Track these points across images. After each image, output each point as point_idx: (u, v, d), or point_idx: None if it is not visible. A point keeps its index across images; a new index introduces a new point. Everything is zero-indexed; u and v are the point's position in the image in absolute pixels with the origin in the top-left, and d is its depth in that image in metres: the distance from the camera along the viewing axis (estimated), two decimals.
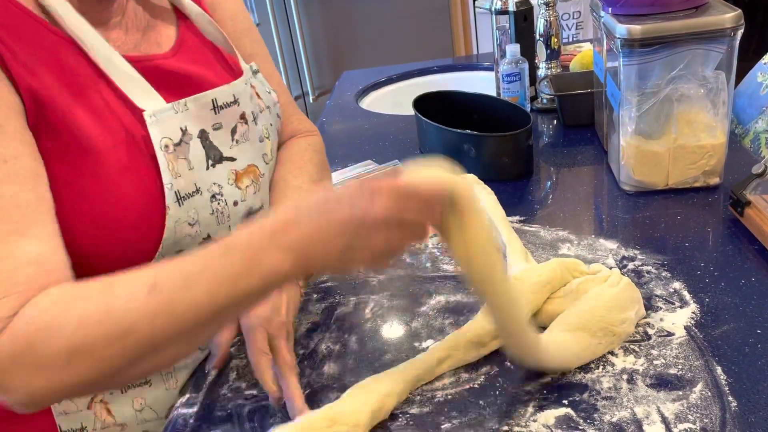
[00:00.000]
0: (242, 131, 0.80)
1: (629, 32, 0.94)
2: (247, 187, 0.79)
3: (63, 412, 0.75)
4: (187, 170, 0.72)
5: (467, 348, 0.72)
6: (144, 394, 0.78)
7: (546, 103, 1.49)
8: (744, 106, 1.27)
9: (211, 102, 0.76)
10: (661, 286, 0.81)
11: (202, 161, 0.74)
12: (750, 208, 0.88)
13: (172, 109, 0.71)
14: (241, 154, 0.79)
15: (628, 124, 1.01)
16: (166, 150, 0.70)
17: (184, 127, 0.72)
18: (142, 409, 0.78)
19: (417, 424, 0.66)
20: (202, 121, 0.74)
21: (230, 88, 0.79)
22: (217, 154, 0.76)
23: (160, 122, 0.70)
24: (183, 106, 0.72)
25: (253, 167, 0.81)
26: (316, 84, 2.79)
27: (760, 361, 0.67)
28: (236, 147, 0.79)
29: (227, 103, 0.78)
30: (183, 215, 0.71)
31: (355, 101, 1.80)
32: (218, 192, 0.75)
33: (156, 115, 0.69)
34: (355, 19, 2.68)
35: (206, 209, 0.74)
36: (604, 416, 0.63)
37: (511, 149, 1.15)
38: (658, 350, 0.70)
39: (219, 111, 0.77)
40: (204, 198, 0.73)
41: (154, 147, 0.69)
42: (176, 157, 0.70)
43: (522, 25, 1.45)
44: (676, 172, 1.02)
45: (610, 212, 1.02)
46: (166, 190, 0.69)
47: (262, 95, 0.87)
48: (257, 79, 0.87)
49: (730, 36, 0.93)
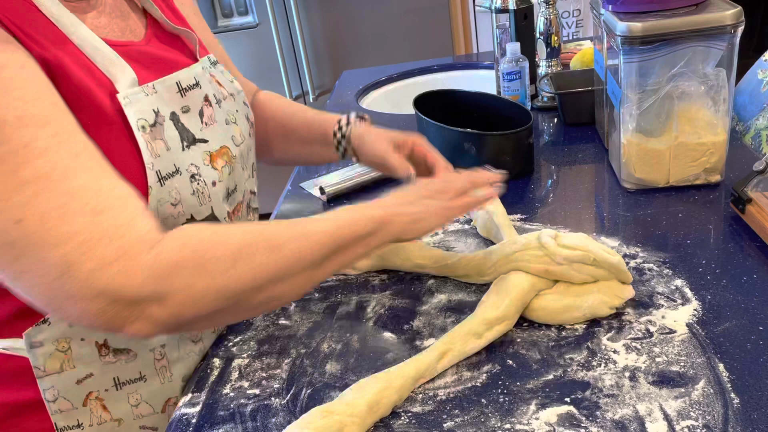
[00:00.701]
0: (209, 114, 0.82)
1: (629, 30, 0.94)
2: (222, 167, 0.81)
3: (58, 410, 0.75)
4: (165, 151, 0.73)
5: (465, 339, 0.73)
6: (139, 389, 0.78)
7: (546, 101, 1.49)
8: (745, 103, 1.27)
9: (176, 84, 0.78)
10: (663, 284, 0.81)
11: (177, 142, 0.75)
12: (751, 205, 0.88)
13: (143, 91, 0.73)
14: (212, 135, 0.81)
15: (629, 122, 1.01)
16: (143, 131, 0.71)
17: (156, 109, 0.73)
18: (138, 404, 0.79)
19: (419, 423, 0.66)
20: (172, 104, 0.76)
21: (190, 70, 0.82)
22: (189, 135, 0.77)
23: (134, 103, 0.71)
24: (152, 88, 0.74)
25: (225, 148, 0.82)
26: (316, 83, 2.79)
27: (762, 358, 0.67)
28: (206, 129, 0.80)
29: (190, 86, 0.80)
30: (165, 195, 0.72)
31: (356, 100, 1.80)
32: (196, 172, 0.76)
33: (128, 97, 0.71)
34: (354, 19, 2.68)
35: (187, 189, 0.75)
36: (607, 414, 0.63)
37: (511, 148, 1.15)
38: (660, 347, 0.70)
39: (185, 93, 0.79)
40: (184, 178, 0.74)
41: (132, 127, 0.70)
42: (153, 138, 0.72)
43: (522, 23, 1.45)
44: (677, 169, 1.02)
45: (612, 210, 1.02)
46: (148, 169, 0.70)
47: (224, 84, 0.89)
48: (217, 69, 0.89)
49: (730, 33, 0.93)
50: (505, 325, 0.75)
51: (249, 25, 2.70)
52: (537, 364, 0.71)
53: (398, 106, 1.77)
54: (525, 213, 1.04)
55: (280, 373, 0.76)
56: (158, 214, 0.71)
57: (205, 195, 0.77)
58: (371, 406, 0.65)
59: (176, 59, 0.82)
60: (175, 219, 0.74)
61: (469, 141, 1.16)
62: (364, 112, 1.04)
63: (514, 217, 1.02)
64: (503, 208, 0.97)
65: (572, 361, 0.71)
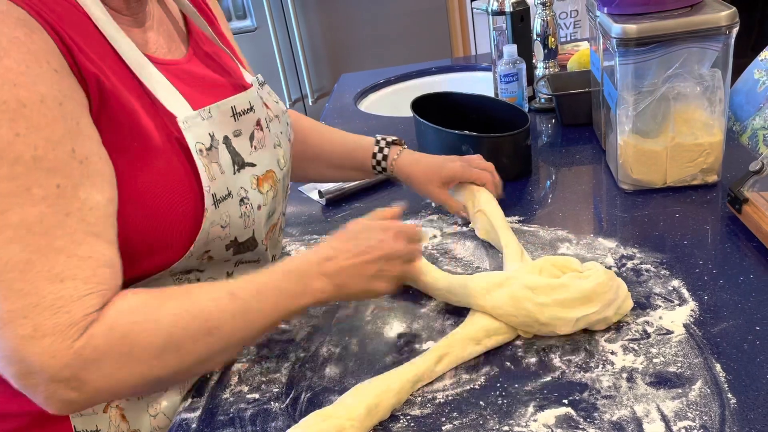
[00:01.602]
0: (259, 138, 0.82)
1: (624, 32, 0.94)
2: (267, 191, 0.82)
3: (79, 414, 0.75)
4: (220, 174, 0.74)
5: (464, 344, 0.73)
6: (159, 399, 0.78)
7: (544, 102, 1.49)
8: (741, 103, 1.27)
9: (230, 109, 0.78)
10: (660, 285, 0.81)
11: (229, 166, 0.76)
12: (748, 206, 0.89)
13: (199, 116, 0.73)
14: (260, 159, 0.81)
15: (626, 123, 1.02)
16: (201, 154, 0.72)
17: (212, 133, 0.74)
18: (156, 415, 0.79)
19: (418, 426, 0.66)
20: (225, 128, 0.77)
21: (246, 95, 0.82)
22: (240, 159, 0.78)
23: (192, 128, 0.72)
24: (207, 113, 0.75)
25: (271, 172, 0.83)
26: (315, 87, 2.79)
27: (759, 358, 0.67)
28: (255, 153, 0.81)
29: (245, 110, 0.80)
30: (217, 218, 0.73)
31: (354, 103, 1.81)
32: (245, 196, 0.77)
33: (187, 121, 0.71)
34: (353, 21, 2.68)
35: (236, 212, 0.76)
36: (604, 415, 0.63)
37: (509, 150, 1.16)
38: (657, 348, 0.71)
39: (238, 118, 0.79)
40: (234, 201, 0.75)
41: (191, 151, 0.71)
42: (210, 162, 0.73)
43: (519, 25, 1.46)
44: (674, 170, 1.02)
45: (609, 211, 1.03)
46: (205, 192, 0.71)
47: (271, 105, 0.89)
48: (264, 91, 0.90)
49: (725, 34, 0.93)
50: (504, 337, 0.75)
51: (247, 29, 2.70)
52: (535, 366, 0.71)
53: (397, 108, 1.78)
54: (523, 215, 1.04)
55: (279, 377, 0.76)
56: (208, 235, 0.73)
57: (250, 218, 0.78)
58: (370, 410, 0.65)
59: (216, 78, 0.82)
60: (221, 240, 0.75)
61: (467, 143, 1.17)
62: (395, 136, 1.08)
63: (512, 219, 1.03)
64: (501, 211, 0.97)
65: (570, 362, 0.71)
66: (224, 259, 0.78)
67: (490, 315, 0.75)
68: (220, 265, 0.79)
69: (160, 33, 0.79)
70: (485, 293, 0.76)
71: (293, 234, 1.11)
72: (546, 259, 0.80)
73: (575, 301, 0.73)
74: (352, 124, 1.64)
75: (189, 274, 0.77)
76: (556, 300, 0.73)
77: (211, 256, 0.76)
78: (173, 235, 0.70)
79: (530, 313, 0.73)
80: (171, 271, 0.73)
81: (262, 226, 0.81)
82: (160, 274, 0.73)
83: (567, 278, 0.75)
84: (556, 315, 0.72)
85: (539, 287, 0.74)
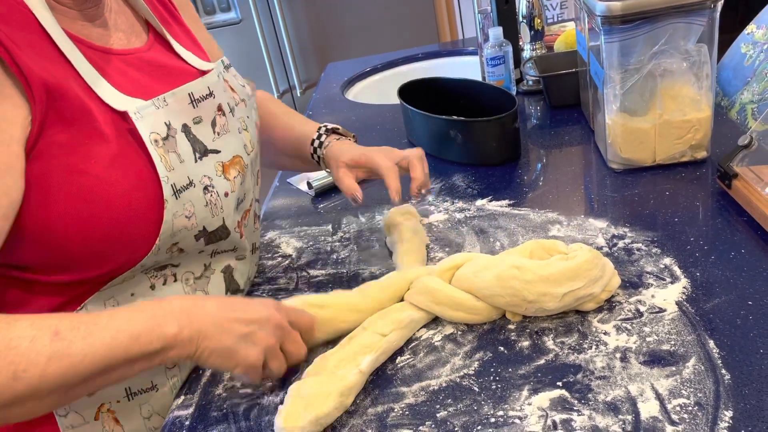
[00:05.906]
0: (221, 123, 0.80)
1: (609, 9, 0.93)
2: (234, 177, 0.80)
3: (70, 426, 0.74)
4: (179, 163, 0.72)
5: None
6: (151, 400, 0.78)
7: (532, 84, 1.48)
8: (729, 77, 1.26)
9: (188, 96, 0.76)
10: (652, 263, 0.81)
11: (189, 155, 0.74)
12: (738, 181, 0.88)
13: (153, 105, 0.72)
14: (224, 145, 0.80)
15: (613, 102, 1.01)
16: (156, 144, 0.70)
17: (168, 122, 0.73)
18: (150, 416, 0.78)
19: (413, 414, 0.66)
20: (183, 116, 0.75)
21: (204, 80, 0.80)
22: (201, 147, 0.76)
23: (145, 117, 0.70)
24: (162, 101, 0.73)
25: (238, 158, 0.82)
26: (303, 77, 2.77)
27: (752, 333, 0.67)
28: (219, 139, 0.79)
29: (203, 96, 0.78)
30: (180, 208, 0.72)
31: (341, 93, 1.79)
32: (209, 184, 0.76)
33: (140, 112, 0.70)
34: (338, 10, 2.66)
35: (201, 201, 0.74)
36: (599, 396, 0.63)
37: (497, 133, 1.15)
38: (650, 327, 0.70)
39: (197, 104, 0.77)
40: (197, 190, 0.74)
41: (145, 142, 0.69)
42: (166, 151, 0.71)
43: (503, 7, 1.44)
44: (663, 147, 1.01)
45: (599, 191, 1.02)
46: (163, 183, 0.70)
47: (236, 89, 0.87)
48: (229, 74, 0.88)
49: (710, 8, 0.92)
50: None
51: (232, 22, 2.67)
52: (528, 350, 0.71)
53: (385, 95, 1.77)
54: (513, 198, 1.03)
55: None
56: (172, 227, 0.71)
57: (217, 206, 0.77)
58: (353, 303, 0.77)
59: (179, 65, 0.81)
60: (188, 231, 0.73)
61: (455, 128, 1.16)
62: (338, 125, 1.03)
63: (502, 203, 1.02)
64: (422, 240, 0.94)
65: (563, 344, 0.71)
66: (197, 251, 0.77)
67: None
68: (195, 258, 0.78)
69: (118, 23, 0.78)
70: (472, 276, 0.76)
71: (283, 227, 1.11)
72: (535, 241, 0.80)
73: (561, 276, 0.72)
74: (339, 114, 1.63)
75: (164, 270, 0.76)
76: (541, 276, 0.73)
77: (182, 248, 0.74)
78: (135, 229, 0.69)
79: (517, 292, 0.73)
80: (142, 266, 0.72)
81: (232, 213, 0.79)
82: (132, 271, 0.71)
83: (553, 260, 0.75)
84: (541, 290, 0.72)
85: (525, 266, 0.74)
